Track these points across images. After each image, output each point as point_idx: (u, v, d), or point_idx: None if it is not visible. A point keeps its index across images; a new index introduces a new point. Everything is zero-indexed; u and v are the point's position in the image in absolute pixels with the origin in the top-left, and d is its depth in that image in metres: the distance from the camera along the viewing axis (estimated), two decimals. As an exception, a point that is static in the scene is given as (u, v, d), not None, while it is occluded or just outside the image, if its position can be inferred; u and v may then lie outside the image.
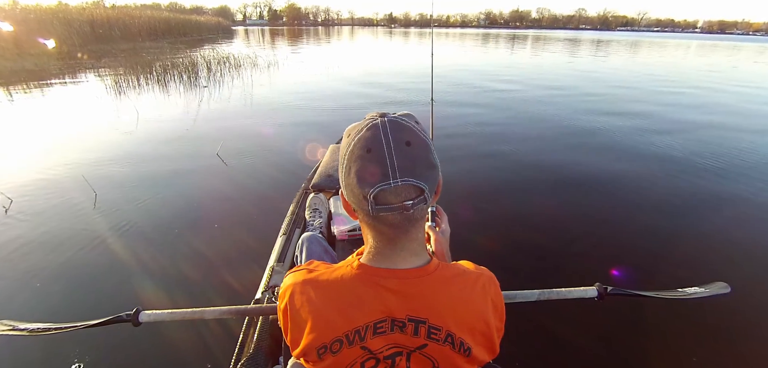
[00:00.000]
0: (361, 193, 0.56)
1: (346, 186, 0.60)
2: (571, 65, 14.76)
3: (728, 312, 1.96)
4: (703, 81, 11.24)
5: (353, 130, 0.61)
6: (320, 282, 0.64)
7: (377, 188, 0.55)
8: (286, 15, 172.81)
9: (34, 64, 10.61)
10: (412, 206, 0.57)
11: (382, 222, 0.59)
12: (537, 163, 4.21)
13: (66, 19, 16.87)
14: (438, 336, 0.61)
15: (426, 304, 0.61)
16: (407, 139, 0.57)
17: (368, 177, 0.56)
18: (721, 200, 3.37)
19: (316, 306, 0.63)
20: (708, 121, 6.16)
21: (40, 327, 1.00)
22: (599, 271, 2.37)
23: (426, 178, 0.57)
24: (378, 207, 0.56)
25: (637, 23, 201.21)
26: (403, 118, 0.59)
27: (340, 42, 29.31)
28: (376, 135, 0.57)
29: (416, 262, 0.64)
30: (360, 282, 0.62)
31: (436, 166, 0.60)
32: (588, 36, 59.22)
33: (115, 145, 4.36)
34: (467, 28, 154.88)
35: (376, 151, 0.56)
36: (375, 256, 0.63)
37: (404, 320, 0.61)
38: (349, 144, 0.59)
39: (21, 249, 2.40)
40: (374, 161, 0.56)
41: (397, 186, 0.55)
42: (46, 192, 3.12)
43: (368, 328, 0.61)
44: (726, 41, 55.45)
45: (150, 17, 24.38)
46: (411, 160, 0.56)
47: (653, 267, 2.43)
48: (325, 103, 6.89)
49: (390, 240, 0.61)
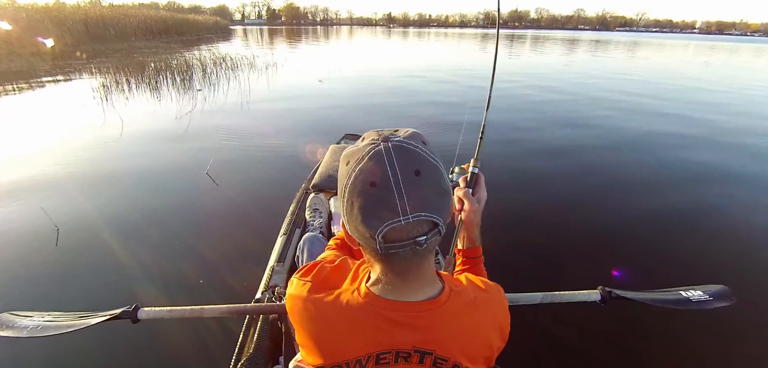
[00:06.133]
0: (367, 232, 0.50)
1: (348, 222, 0.53)
2: (569, 66, 14.82)
3: (732, 316, 1.94)
4: (713, 80, 11.25)
5: (352, 156, 0.53)
6: (324, 305, 0.60)
7: (386, 228, 0.49)
8: (285, 14, 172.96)
9: (22, 65, 10.15)
10: (425, 241, 0.51)
11: (393, 259, 0.54)
12: (537, 162, 4.19)
13: (59, 18, 16.72)
14: (444, 366, 0.59)
15: (434, 336, 0.58)
16: (416, 168, 0.50)
17: (375, 215, 0.49)
18: (734, 202, 3.36)
19: (317, 328, 0.60)
20: (711, 121, 6.17)
21: (39, 326, 0.99)
22: (602, 273, 2.35)
23: (439, 209, 0.51)
24: (387, 245, 0.50)
25: (636, 24, 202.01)
26: (409, 142, 0.52)
27: (340, 42, 29.25)
28: (381, 165, 0.49)
29: (427, 293, 0.59)
30: (365, 313, 0.57)
31: (448, 191, 0.54)
32: (587, 36, 59.34)
33: (96, 150, 4.13)
34: (466, 28, 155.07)
35: (382, 185, 0.49)
36: (384, 287, 0.58)
37: (410, 351, 0.58)
38: (349, 174, 0.51)
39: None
40: (381, 198, 0.49)
41: (409, 224, 0.49)
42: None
43: (371, 358, 0.58)
44: (724, 42, 55.56)
45: (146, 16, 24.34)
46: (422, 191, 0.50)
47: (656, 268, 2.42)
48: (325, 103, 6.86)
49: (400, 273, 0.56)
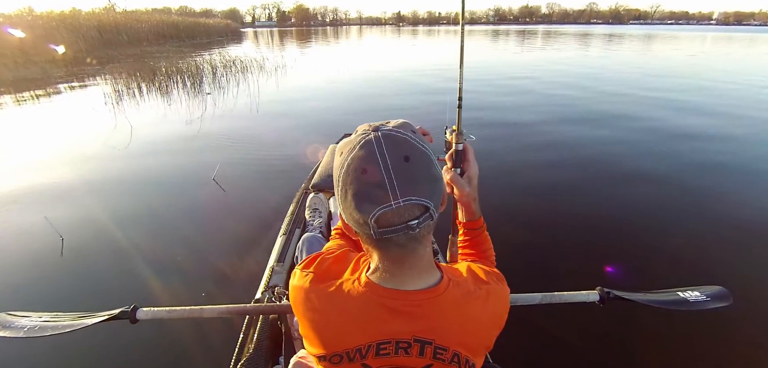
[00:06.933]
0: (361, 218, 0.53)
1: (344, 210, 0.56)
2: (581, 60, 14.52)
3: (731, 316, 1.91)
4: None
5: (345, 147, 0.56)
6: (325, 295, 0.62)
7: (378, 212, 0.51)
8: (294, 16, 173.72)
9: (37, 72, 10.43)
10: (417, 225, 0.53)
11: (388, 244, 0.56)
12: (537, 163, 4.15)
13: (73, 25, 17.12)
14: (444, 356, 0.60)
15: (434, 326, 0.59)
16: (405, 154, 0.53)
17: (367, 200, 0.52)
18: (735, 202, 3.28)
19: (318, 317, 0.62)
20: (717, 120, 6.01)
21: (36, 326, 1.01)
22: (601, 273, 2.33)
23: (430, 194, 0.53)
24: (381, 230, 0.53)
25: (651, 16, 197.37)
26: (398, 130, 0.55)
27: (349, 42, 29.23)
28: (371, 153, 0.52)
29: (426, 282, 0.61)
30: (365, 302, 0.59)
31: (439, 177, 0.56)
32: (599, 30, 58.15)
33: (105, 156, 4.19)
34: (476, 24, 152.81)
35: (373, 171, 0.51)
36: (382, 275, 0.60)
37: (410, 340, 0.59)
38: (343, 164, 0.54)
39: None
40: (372, 183, 0.51)
41: (400, 207, 0.51)
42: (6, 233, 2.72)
43: (371, 347, 0.59)
44: (742, 33, 53.91)
45: (158, 21, 24.75)
46: (411, 176, 0.52)
47: (656, 268, 2.39)
48: (333, 105, 6.89)
49: (397, 260, 0.58)
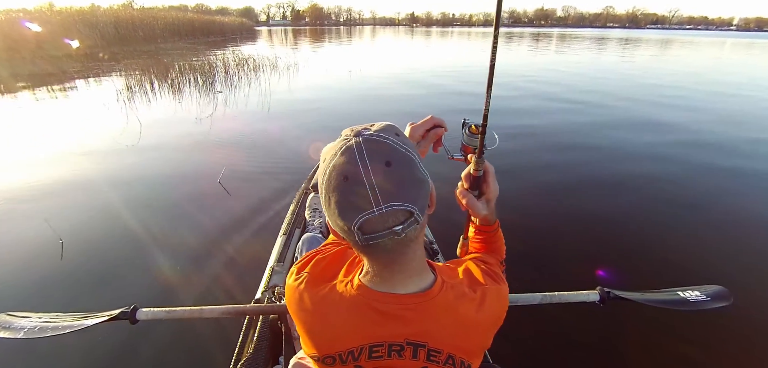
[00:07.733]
0: (345, 225, 0.52)
1: (329, 217, 0.55)
2: (581, 65, 14.24)
3: (730, 316, 1.90)
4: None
5: (328, 153, 0.55)
6: (318, 297, 0.63)
7: (361, 219, 0.51)
8: (309, 15, 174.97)
9: (53, 67, 10.56)
10: (402, 230, 0.52)
11: (375, 250, 0.55)
12: (537, 163, 4.11)
13: (90, 20, 17.45)
14: (438, 358, 0.59)
15: (426, 329, 0.59)
16: (386, 159, 0.51)
17: (350, 208, 0.51)
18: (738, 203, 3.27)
19: (311, 319, 0.63)
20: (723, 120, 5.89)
21: (36, 327, 1.02)
22: (601, 273, 2.33)
23: (414, 198, 0.52)
24: (366, 236, 0.52)
25: (668, 21, 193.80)
26: (380, 135, 0.53)
27: (362, 42, 29.27)
28: (352, 159, 0.51)
29: (418, 285, 0.60)
30: (357, 305, 0.59)
31: (423, 180, 0.55)
32: (616, 34, 57.36)
33: (114, 154, 4.20)
34: (489, 27, 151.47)
35: (354, 177, 0.50)
36: (373, 278, 0.60)
37: (402, 343, 0.59)
38: (325, 171, 0.53)
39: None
40: (353, 190, 0.50)
41: (383, 213, 0.50)
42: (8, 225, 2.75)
43: (363, 350, 0.59)
44: (763, 39, 52.58)
45: (174, 18, 25.11)
46: (393, 181, 0.51)
47: (655, 268, 2.40)
48: (344, 105, 6.90)
49: (386, 264, 0.58)
